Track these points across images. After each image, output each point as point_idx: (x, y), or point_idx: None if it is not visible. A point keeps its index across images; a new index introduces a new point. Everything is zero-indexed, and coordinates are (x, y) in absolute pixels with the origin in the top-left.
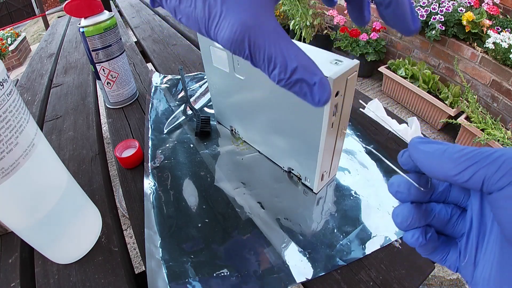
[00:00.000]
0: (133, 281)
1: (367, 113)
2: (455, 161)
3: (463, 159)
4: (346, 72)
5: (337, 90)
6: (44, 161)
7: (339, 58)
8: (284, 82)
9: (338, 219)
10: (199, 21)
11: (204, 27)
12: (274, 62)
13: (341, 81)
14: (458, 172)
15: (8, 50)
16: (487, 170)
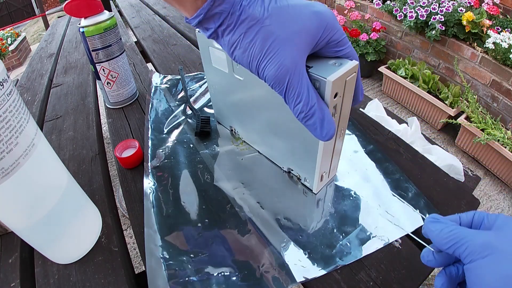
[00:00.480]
0: (133, 281)
1: (367, 113)
2: (444, 240)
3: (448, 239)
4: (345, 73)
5: (335, 92)
6: (44, 161)
7: (339, 60)
8: (304, 115)
9: (337, 219)
10: (254, 56)
11: (256, 63)
12: (300, 98)
13: (340, 83)
14: (447, 248)
15: (8, 50)
16: (459, 250)
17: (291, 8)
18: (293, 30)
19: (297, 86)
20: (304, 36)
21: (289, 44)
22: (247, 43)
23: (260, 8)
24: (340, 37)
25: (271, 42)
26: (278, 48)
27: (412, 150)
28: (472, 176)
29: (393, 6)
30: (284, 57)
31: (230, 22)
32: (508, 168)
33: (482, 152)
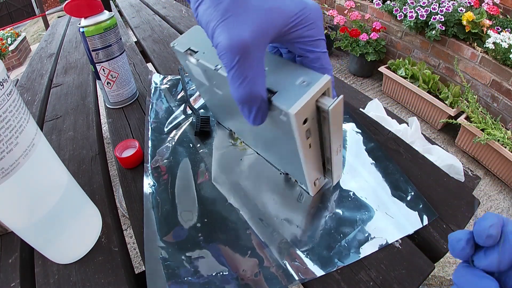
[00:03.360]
0: (133, 281)
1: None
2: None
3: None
4: (313, 96)
5: (304, 118)
6: (44, 161)
7: (308, 76)
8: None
9: (336, 220)
10: (214, 17)
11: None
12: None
13: (307, 108)
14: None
15: (8, 50)
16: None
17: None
18: (266, 4)
19: (244, 67)
20: (276, 13)
21: (257, 16)
22: (213, 1)
23: None
24: (317, 35)
25: (238, 6)
26: (244, 16)
27: (412, 150)
28: (472, 176)
29: (393, 6)
30: (245, 29)
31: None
32: (508, 168)
33: (482, 152)
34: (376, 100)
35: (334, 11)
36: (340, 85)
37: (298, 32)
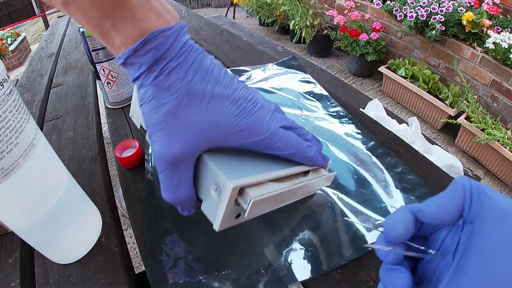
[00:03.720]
0: (133, 281)
1: (367, 113)
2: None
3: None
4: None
5: (229, 225)
6: (44, 161)
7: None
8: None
9: (339, 218)
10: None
11: (150, 129)
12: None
13: (229, 216)
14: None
15: (8, 50)
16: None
17: (210, 98)
18: (199, 120)
19: (170, 175)
20: (210, 129)
21: (188, 133)
22: (153, 107)
23: (178, 83)
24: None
25: (172, 119)
26: (175, 132)
27: (412, 150)
28: (472, 176)
29: (393, 6)
30: (175, 145)
31: (143, 81)
32: (508, 168)
33: (482, 152)
34: (376, 100)
35: (334, 11)
36: (340, 85)
37: (239, 143)
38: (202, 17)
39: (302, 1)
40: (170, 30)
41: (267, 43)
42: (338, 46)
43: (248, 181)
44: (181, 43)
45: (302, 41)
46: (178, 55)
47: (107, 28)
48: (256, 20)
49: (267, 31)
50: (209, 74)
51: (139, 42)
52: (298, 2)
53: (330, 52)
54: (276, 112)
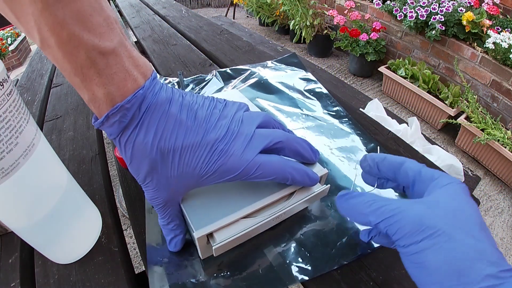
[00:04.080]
0: (133, 281)
1: (367, 113)
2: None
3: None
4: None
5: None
6: (44, 161)
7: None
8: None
9: (338, 218)
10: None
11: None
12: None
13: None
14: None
15: (8, 50)
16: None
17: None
18: (173, 173)
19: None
20: (185, 179)
21: (165, 186)
22: (134, 169)
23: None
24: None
25: (150, 178)
26: (157, 186)
27: (412, 150)
28: (472, 176)
29: (393, 6)
30: (159, 195)
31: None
32: (508, 168)
33: (482, 152)
34: (376, 100)
35: (334, 11)
36: (340, 85)
37: (216, 182)
38: (202, 17)
39: (302, 1)
40: (130, 101)
41: (267, 43)
42: (338, 46)
43: (213, 228)
44: (146, 105)
45: (302, 41)
46: (143, 119)
47: (77, 82)
48: (256, 20)
49: (267, 31)
50: (177, 125)
51: (104, 117)
52: (298, 2)
53: (330, 52)
54: (257, 132)
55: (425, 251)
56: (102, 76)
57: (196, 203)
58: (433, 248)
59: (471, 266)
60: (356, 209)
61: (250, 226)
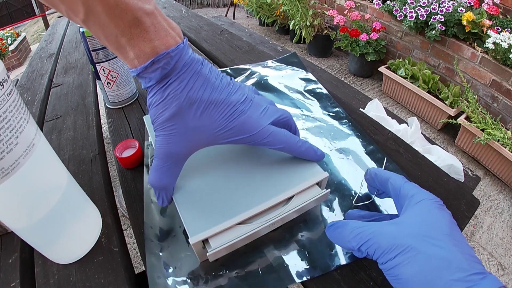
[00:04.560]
0: (133, 281)
1: (367, 113)
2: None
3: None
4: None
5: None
6: (44, 161)
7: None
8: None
9: (338, 219)
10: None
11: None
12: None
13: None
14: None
15: (8, 50)
16: (369, 251)
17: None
18: (193, 124)
19: (161, 165)
20: (200, 132)
21: (183, 137)
22: (158, 112)
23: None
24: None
25: (171, 123)
26: (173, 133)
27: (412, 150)
28: (472, 176)
29: (393, 6)
30: (172, 144)
31: (151, 90)
32: (508, 168)
33: (482, 152)
34: (376, 100)
35: (334, 11)
36: (340, 85)
37: (230, 140)
38: (202, 17)
39: (302, 1)
40: (174, 51)
41: (267, 43)
42: (338, 46)
43: (208, 234)
44: (184, 60)
45: (302, 41)
46: (181, 71)
47: (123, 43)
48: (256, 20)
49: (267, 31)
50: (206, 82)
51: (149, 62)
52: (298, 2)
53: (330, 52)
54: (269, 106)
55: (398, 266)
56: (149, 32)
57: (191, 207)
58: (404, 262)
59: (439, 274)
60: (341, 237)
61: (246, 232)
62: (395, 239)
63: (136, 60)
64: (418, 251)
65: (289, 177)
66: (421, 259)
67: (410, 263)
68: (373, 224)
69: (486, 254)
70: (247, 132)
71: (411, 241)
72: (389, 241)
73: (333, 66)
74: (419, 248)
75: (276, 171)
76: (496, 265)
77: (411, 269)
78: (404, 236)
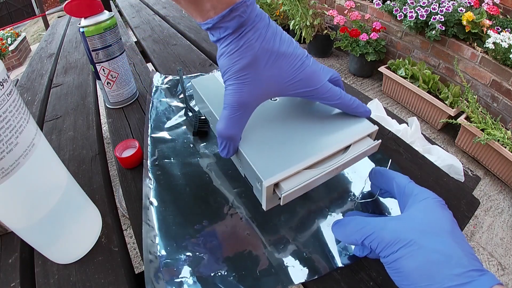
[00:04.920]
0: (133, 281)
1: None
2: (355, 240)
3: (357, 239)
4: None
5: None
6: (44, 161)
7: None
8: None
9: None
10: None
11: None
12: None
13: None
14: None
15: (8, 50)
16: (372, 245)
17: (277, 54)
18: (266, 74)
19: (233, 115)
20: (273, 80)
21: (256, 84)
22: (233, 61)
23: (254, 42)
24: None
25: (245, 72)
26: (247, 82)
27: (412, 150)
28: (472, 176)
29: (393, 6)
30: (245, 92)
31: (229, 40)
32: (508, 168)
33: (482, 152)
34: (376, 100)
35: (334, 11)
36: None
37: (296, 91)
38: None
39: (302, 1)
40: (249, 0)
41: None
42: (338, 46)
43: (280, 177)
44: (256, 11)
45: (302, 41)
46: (254, 20)
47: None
48: None
49: None
50: (275, 34)
51: (227, 10)
52: (298, 2)
53: (330, 52)
54: (322, 65)
55: (400, 259)
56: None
57: (259, 155)
58: (406, 256)
59: (439, 268)
60: (346, 233)
61: (313, 176)
62: (398, 233)
63: (213, 10)
64: (420, 246)
65: (345, 129)
66: (423, 253)
67: (412, 257)
68: (377, 219)
69: (486, 254)
70: (312, 85)
71: (413, 235)
72: (392, 235)
73: (333, 66)
74: (421, 242)
75: (332, 125)
76: (496, 265)
77: (413, 263)
78: (407, 231)
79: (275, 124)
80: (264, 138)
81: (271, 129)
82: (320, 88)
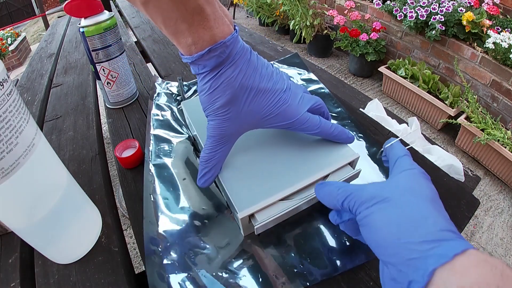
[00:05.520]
0: (133, 281)
1: (367, 113)
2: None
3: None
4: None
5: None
6: (44, 161)
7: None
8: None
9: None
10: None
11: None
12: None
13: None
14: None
15: (8, 50)
16: (350, 204)
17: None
18: (244, 110)
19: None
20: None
21: (234, 120)
22: (212, 99)
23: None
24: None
25: (223, 110)
26: (226, 118)
27: (412, 150)
28: (472, 176)
29: (393, 6)
30: (225, 127)
31: (207, 78)
32: (508, 168)
33: (482, 152)
34: (376, 100)
35: (334, 11)
36: (340, 85)
37: (273, 125)
38: None
39: (302, 1)
40: (229, 40)
41: (267, 43)
42: (338, 46)
43: (255, 209)
44: (236, 49)
45: (302, 41)
46: (234, 58)
47: (182, 29)
48: (256, 20)
49: (267, 31)
50: (255, 71)
51: (206, 50)
52: (298, 2)
53: (330, 52)
54: (304, 95)
55: (373, 213)
56: (210, 20)
57: (237, 185)
58: (380, 210)
59: (414, 226)
60: (328, 194)
61: (288, 207)
62: (377, 192)
63: (194, 46)
64: (396, 202)
65: (324, 157)
66: (399, 210)
67: (385, 212)
68: (357, 184)
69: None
70: (288, 118)
71: (391, 193)
72: (370, 194)
73: (333, 66)
74: (397, 200)
75: (312, 153)
76: None
77: (385, 217)
78: (387, 191)
79: (256, 151)
80: (243, 166)
81: (252, 156)
82: (297, 121)
